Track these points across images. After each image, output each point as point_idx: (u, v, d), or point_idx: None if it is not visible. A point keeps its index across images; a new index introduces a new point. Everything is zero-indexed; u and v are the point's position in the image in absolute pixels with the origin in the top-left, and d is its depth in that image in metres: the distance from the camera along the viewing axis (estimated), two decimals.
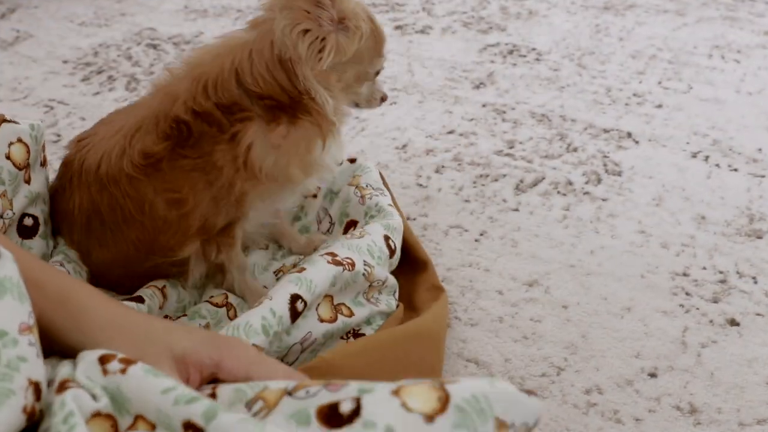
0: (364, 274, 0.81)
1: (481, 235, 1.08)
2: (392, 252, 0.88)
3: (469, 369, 0.86)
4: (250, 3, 1.99)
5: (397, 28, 1.81)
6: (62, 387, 0.46)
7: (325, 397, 0.43)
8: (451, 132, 1.35)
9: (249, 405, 0.46)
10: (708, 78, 1.53)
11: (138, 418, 0.46)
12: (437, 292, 0.90)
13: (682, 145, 1.29)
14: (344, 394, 0.42)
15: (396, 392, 0.41)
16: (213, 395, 0.49)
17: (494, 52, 1.67)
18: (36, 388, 0.44)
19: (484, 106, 1.44)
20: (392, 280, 0.88)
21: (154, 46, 1.75)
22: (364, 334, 0.82)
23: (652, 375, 0.85)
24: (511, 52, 1.66)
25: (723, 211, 1.12)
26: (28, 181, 0.81)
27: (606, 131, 1.34)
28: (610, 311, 0.94)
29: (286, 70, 0.78)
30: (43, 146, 0.84)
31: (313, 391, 0.44)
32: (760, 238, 1.06)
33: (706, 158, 1.26)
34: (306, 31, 0.77)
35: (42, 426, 0.45)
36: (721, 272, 1.00)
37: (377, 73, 0.89)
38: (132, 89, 1.55)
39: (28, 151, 0.80)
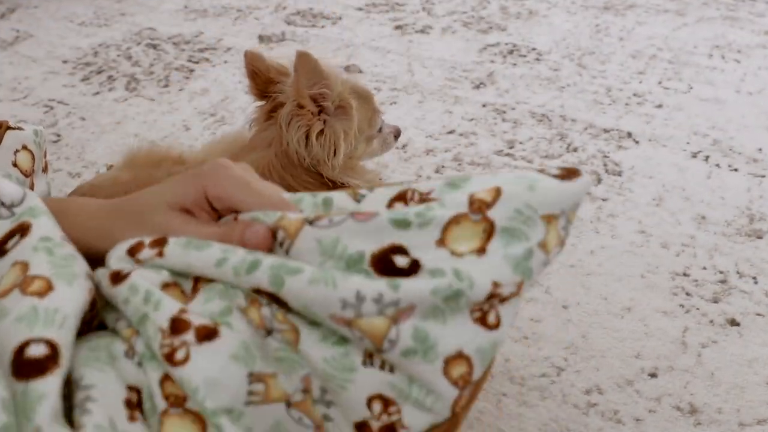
0: None
1: None
2: None
3: None
4: (250, 3, 1.99)
5: (397, 27, 1.81)
6: (118, 278, 0.44)
7: (358, 233, 0.42)
8: (451, 132, 1.35)
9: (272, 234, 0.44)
10: (708, 78, 1.53)
11: (198, 279, 0.44)
12: None
13: (682, 145, 1.29)
14: (381, 234, 0.42)
15: (442, 242, 0.41)
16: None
17: (494, 51, 1.67)
18: (92, 280, 0.45)
19: (484, 106, 1.44)
20: None
21: (154, 46, 1.75)
22: None
23: (653, 375, 0.85)
24: (511, 52, 1.66)
25: (723, 211, 1.12)
26: (31, 188, 0.80)
27: (606, 131, 1.34)
28: (610, 311, 0.94)
29: (318, 172, 0.81)
30: (45, 152, 0.84)
31: (337, 219, 0.43)
32: (760, 238, 1.06)
33: (707, 158, 1.26)
34: (320, 133, 0.79)
35: (110, 320, 0.45)
36: (721, 272, 1.00)
37: (380, 129, 0.90)
38: (132, 89, 1.55)
39: (33, 158, 0.80)
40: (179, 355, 0.40)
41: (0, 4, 2.02)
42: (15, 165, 0.77)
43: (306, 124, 0.78)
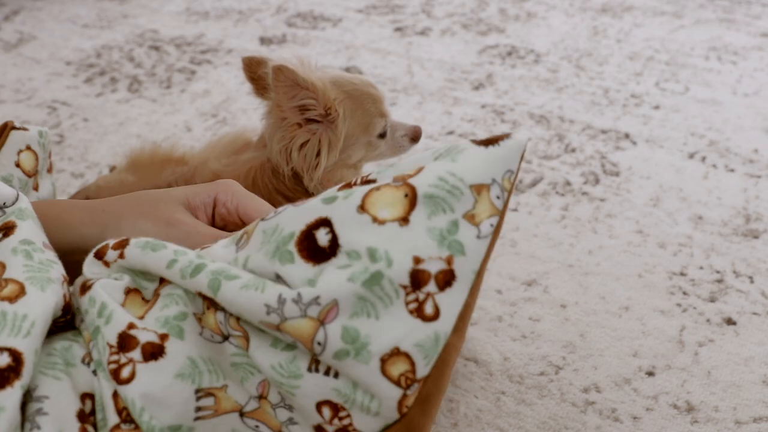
0: None
1: None
2: None
3: (468, 368, 0.87)
4: (251, 5, 2.00)
5: (397, 29, 1.82)
6: (84, 287, 0.46)
7: (293, 216, 0.42)
8: (450, 133, 1.37)
9: (237, 242, 0.46)
10: (705, 79, 1.54)
11: (161, 282, 0.46)
12: None
13: (679, 146, 1.31)
14: (310, 212, 0.41)
15: (362, 207, 0.40)
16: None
17: (493, 53, 1.68)
18: (68, 283, 0.46)
19: (483, 107, 1.45)
20: None
21: (156, 48, 1.76)
22: None
23: (650, 374, 0.86)
24: (509, 54, 1.68)
25: (720, 211, 1.13)
26: (36, 188, 0.81)
27: (604, 132, 1.35)
28: (608, 310, 0.95)
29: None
30: (50, 153, 0.85)
31: (280, 210, 0.44)
32: (756, 237, 1.07)
33: (703, 159, 1.27)
34: (303, 145, 0.78)
35: (77, 319, 0.47)
36: (717, 272, 1.01)
37: (382, 135, 0.87)
38: (134, 90, 1.56)
39: (37, 159, 0.80)
40: (125, 372, 0.41)
41: (4, 6, 2.03)
42: (18, 165, 0.77)
43: (289, 137, 0.78)
